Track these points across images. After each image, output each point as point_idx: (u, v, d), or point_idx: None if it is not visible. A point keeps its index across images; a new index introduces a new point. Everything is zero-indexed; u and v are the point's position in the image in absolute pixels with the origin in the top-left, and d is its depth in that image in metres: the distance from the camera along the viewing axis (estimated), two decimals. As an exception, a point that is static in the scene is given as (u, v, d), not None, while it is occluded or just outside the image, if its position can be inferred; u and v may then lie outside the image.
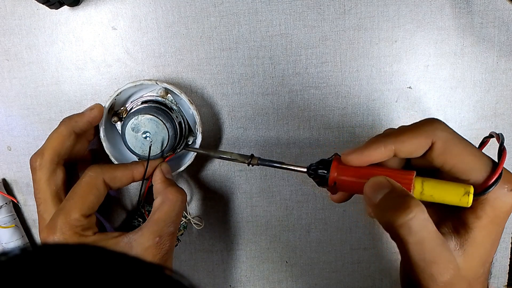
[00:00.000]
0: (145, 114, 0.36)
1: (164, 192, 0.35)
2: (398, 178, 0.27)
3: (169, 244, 0.35)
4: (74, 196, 0.33)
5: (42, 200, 0.35)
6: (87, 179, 0.34)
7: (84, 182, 0.34)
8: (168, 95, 0.38)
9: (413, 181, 0.27)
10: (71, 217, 0.32)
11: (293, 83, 0.40)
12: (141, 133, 0.36)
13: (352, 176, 0.29)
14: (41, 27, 0.40)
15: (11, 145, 0.43)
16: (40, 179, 0.35)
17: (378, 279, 0.46)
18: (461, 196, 0.26)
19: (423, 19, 0.38)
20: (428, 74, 0.40)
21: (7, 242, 0.43)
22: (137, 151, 0.37)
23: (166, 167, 0.38)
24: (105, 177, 0.34)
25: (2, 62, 0.41)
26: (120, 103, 0.39)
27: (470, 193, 0.26)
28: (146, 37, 0.40)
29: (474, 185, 0.27)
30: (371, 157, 0.28)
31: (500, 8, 0.38)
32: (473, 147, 0.28)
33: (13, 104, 0.42)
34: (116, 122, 0.39)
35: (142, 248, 0.34)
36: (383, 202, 0.27)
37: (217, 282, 0.47)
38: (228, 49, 0.40)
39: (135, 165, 0.37)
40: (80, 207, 0.33)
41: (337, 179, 0.29)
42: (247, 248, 0.45)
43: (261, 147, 0.42)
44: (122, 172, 0.36)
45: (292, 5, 0.38)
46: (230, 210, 0.44)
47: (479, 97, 0.40)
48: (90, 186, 0.34)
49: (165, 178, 0.37)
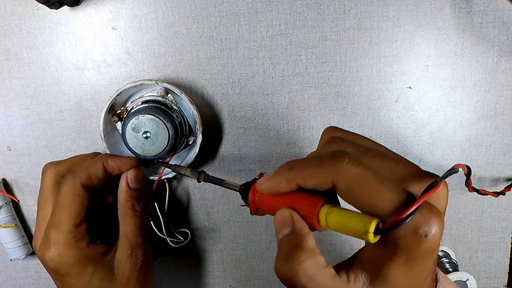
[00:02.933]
0: (146, 114, 0.36)
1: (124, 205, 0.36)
2: (304, 209, 0.26)
3: (142, 254, 0.36)
4: (59, 208, 0.33)
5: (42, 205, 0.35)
6: (66, 189, 0.33)
7: (64, 193, 0.33)
8: (169, 95, 0.38)
9: (318, 214, 0.25)
10: (63, 230, 0.32)
11: (293, 83, 0.40)
12: (142, 133, 0.36)
13: (269, 201, 0.28)
14: (41, 27, 0.40)
15: (11, 145, 0.43)
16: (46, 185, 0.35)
17: (378, 279, 0.46)
18: (361, 233, 0.23)
19: (423, 19, 0.38)
20: (428, 74, 0.39)
21: (7, 242, 0.43)
22: (137, 151, 0.37)
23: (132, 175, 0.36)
24: (82, 181, 0.34)
25: (2, 62, 0.41)
26: (121, 103, 0.39)
27: (369, 232, 0.23)
28: (146, 37, 0.40)
29: (383, 221, 0.23)
30: (277, 189, 0.27)
31: (500, 8, 0.38)
32: (384, 184, 0.23)
33: (13, 104, 0.42)
34: (116, 122, 0.39)
35: (120, 263, 0.35)
36: (283, 244, 0.26)
37: (217, 282, 0.47)
38: (228, 49, 0.40)
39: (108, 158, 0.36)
40: (68, 218, 0.33)
41: (258, 204, 0.28)
42: (247, 248, 0.45)
43: (261, 147, 0.42)
44: (94, 169, 0.35)
45: (292, 5, 0.38)
46: (230, 210, 0.44)
47: (479, 97, 0.40)
48: (71, 195, 0.33)
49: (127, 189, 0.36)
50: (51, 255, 0.32)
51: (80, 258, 0.33)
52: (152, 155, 0.37)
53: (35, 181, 0.44)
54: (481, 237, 0.44)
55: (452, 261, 0.43)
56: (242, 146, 0.42)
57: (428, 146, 0.42)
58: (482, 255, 0.45)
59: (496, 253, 0.44)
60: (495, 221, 0.43)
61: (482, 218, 0.43)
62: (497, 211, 0.43)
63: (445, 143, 0.41)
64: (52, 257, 0.32)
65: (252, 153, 0.42)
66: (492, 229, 0.44)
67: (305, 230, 0.25)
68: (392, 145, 0.42)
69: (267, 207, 0.28)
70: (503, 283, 0.45)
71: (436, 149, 0.42)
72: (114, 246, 0.35)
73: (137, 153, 0.37)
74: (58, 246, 0.32)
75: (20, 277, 0.47)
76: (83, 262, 0.33)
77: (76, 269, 0.33)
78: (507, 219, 0.43)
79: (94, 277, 0.34)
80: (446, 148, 0.41)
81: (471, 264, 0.45)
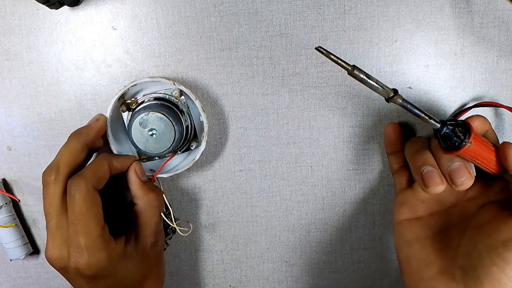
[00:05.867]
0: (157, 112, 0.35)
1: (146, 198, 0.37)
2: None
3: (162, 241, 0.39)
4: (82, 216, 0.32)
5: (55, 215, 0.34)
6: (81, 195, 0.33)
7: (81, 200, 0.33)
8: (182, 97, 0.38)
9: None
10: (93, 235, 0.33)
11: (293, 83, 0.40)
12: (148, 129, 0.36)
13: (484, 148, 0.28)
14: (41, 27, 0.40)
15: (11, 145, 0.43)
16: (54, 193, 0.34)
17: (378, 279, 0.46)
18: None
19: (423, 19, 0.38)
20: (428, 74, 0.40)
21: (7, 242, 0.43)
22: (139, 146, 0.36)
23: (139, 169, 0.37)
24: (94, 184, 0.34)
25: (2, 62, 0.41)
26: (131, 94, 0.38)
27: None
28: (146, 37, 0.40)
29: None
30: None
31: (500, 8, 0.38)
32: None
33: (13, 104, 0.42)
34: (124, 112, 0.38)
35: (144, 252, 0.37)
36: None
37: (217, 282, 0.47)
38: (228, 49, 0.40)
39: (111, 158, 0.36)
40: (95, 223, 0.33)
41: (469, 150, 0.28)
42: (247, 248, 0.45)
43: (261, 147, 0.42)
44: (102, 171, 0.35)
45: (292, 5, 0.38)
46: (230, 210, 0.44)
47: (479, 97, 0.40)
48: (89, 200, 0.33)
49: (142, 183, 0.37)
50: (88, 262, 0.32)
51: (113, 257, 0.34)
52: (153, 153, 0.37)
53: (35, 181, 0.44)
54: (481, 237, 0.44)
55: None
56: (242, 146, 0.42)
57: (428, 146, 0.42)
58: (482, 255, 0.45)
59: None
60: (495, 221, 0.43)
61: (482, 218, 0.43)
62: (497, 211, 0.43)
63: (445, 143, 0.41)
64: (89, 263, 0.32)
65: (252, 153, 0.42)
66: (492, 229, 0.44)
67: None
68: (392, 145, 0.41)
69: (480, 153, 0.29)
70: (503, 283, 0.45)
71: (436, 149, 0.42)
72: (131, 236, 0.37)
73: (138, 147, 0.37)
74: (93, 252, 0.32)
75: (20, 277, 0.47)
76: (117, 260, 0.34)
77: (113, 269, 0.34)
78: (507, 219, 0.43)
79: (126, 272, 0.35)
80: (446, 148, 0.42)
81: (471, 264, 0.45)
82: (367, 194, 0.43)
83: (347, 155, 0.42)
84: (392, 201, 0.43)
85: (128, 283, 0.36)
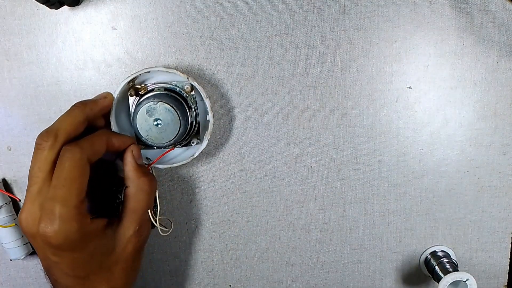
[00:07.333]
0: (166, 103, 0.35)
1: (138, 182, 0.36)
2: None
3: (147, 232, 0.37)
4: (66, 182, 0.32)
5: (40, 179, 0.32)
6: (73, 163, 0.32)
7: (71, 167, 0.32)
8: (192, 92, 0.38)
9: None
10: (70, 205, 0.31)
11: (293, 83, 0.40)
12: (154, 118, 0.36)
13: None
14: (41, 27, 0.40)
15: (11, 145, 0.43)
16: (46, 159, 0.33)
17: (378, 279, 0.46)
18: None
19: (423, 19, 0.38)
20: (428, 74, 0.40)
21: (7, 242, 0.43)
22: (142, 133, 0.36)
23: (136, 151, 0.36)
24: (88, 155, 0.33)
25: (2, 62, 0.41)
26: (141, 80, 0.38)
27: None
28: (146, 37, 0.40)
29: None
30: None
31: (500, 8, 0.38)
32: None
33: (13, 104, 0.42)
34: (131, 96, 0.38)
35: (125, 238, 0.36)
36: None
37: (217, 282, 0.47)
38: (228, 49, 0.40)
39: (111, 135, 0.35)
40: (76, 193, 0.32)
41: None
42: (247, 248, 0.45)
43: (261, 147, 0.42)
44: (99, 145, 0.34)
45: (292, 5, 0.38)
46: (230, 210, 0.44)
47: (479, 97, 0.40)
48: (79, 169, 0.32)
49: (137, 166, 0.36)
50: (56, 231, 0.31)
51: (85, 233, 0.33)
52: (153, 142, 0.37)
53: (35, 181, 0.43)
54: (481, 237, 0.44)
55: (452, 261, 0.43)
56: (242, 146, 0.42)
57: (428, 146, 0.42)
58: (482, 255, 0.45)
59: (496, 253, 0.44)
60: (495, 221, 0.43)
61: (482, 218, 0.43)
62: (497, 211, 0.43)
63: (445, 143, 0.41)
64: (57, 232, 0.31)
65: (252, 153, 0.42)
66: (492, 229, 0.44)
67: None
68: (392, 145, 0.42)
69: None
70: (503, 283, 0.45)
71: (436, 149, 0.42)
72: (115, 221, 0.36)
73: (140, 134, 0.36)
74: (65, 222, 0.31)
75: (20, 277, 0.47)
76: (88, 237, 0.33)
77: (81, 244, 0.33)
78: (507, 219, 0.43)
79: (96, 251, 0.34)
80: (446, 148, 0.42)
81: (471, 264, 0.45)
82: (367, 194, 0.43)
83: (347, 155, 0.42)
84: (392, 201, 0.43)
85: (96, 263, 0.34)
